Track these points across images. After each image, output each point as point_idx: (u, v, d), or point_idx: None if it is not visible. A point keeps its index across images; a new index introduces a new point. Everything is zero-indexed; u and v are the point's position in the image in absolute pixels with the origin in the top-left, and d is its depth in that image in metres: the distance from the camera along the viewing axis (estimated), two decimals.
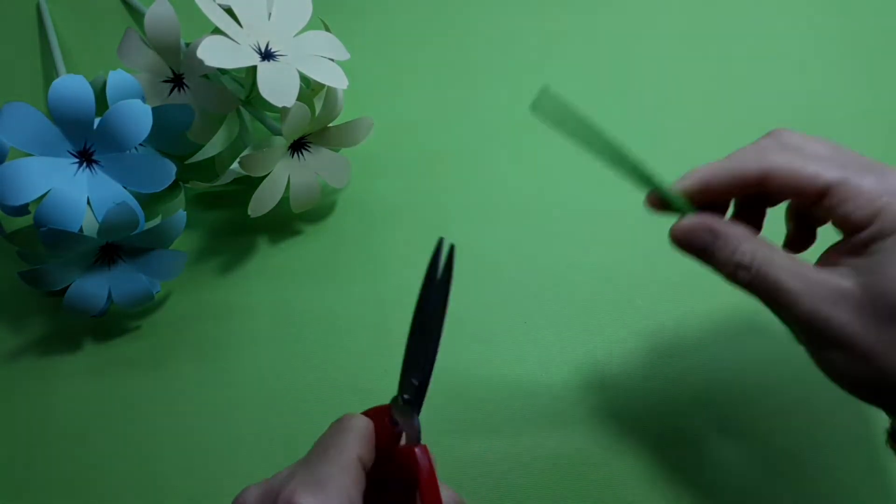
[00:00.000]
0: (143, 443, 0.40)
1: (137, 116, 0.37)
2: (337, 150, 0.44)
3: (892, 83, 0.48)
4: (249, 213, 0.41)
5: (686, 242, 0.30)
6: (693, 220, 0.29)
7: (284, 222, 0.45)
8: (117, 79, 0.38)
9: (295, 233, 0.45)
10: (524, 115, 0.48)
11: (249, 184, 0.42)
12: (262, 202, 0.42)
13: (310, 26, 0.41)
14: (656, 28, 0.50)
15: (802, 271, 0.28)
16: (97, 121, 0.37)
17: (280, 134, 0.41)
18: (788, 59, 0.49)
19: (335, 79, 0.40)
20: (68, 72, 0.45)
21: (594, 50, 0.50)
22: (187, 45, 0.40)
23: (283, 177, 0.42)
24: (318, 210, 0.46)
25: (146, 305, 0.43)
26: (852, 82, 0.49)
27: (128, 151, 0.38)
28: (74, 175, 0.37)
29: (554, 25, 0.51)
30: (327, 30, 0.42)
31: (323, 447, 0.29)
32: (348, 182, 0.45)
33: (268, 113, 0.43)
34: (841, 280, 0.27)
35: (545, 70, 0.50)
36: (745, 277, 0.28)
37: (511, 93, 0.49)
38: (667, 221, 0.30)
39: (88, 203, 0.37)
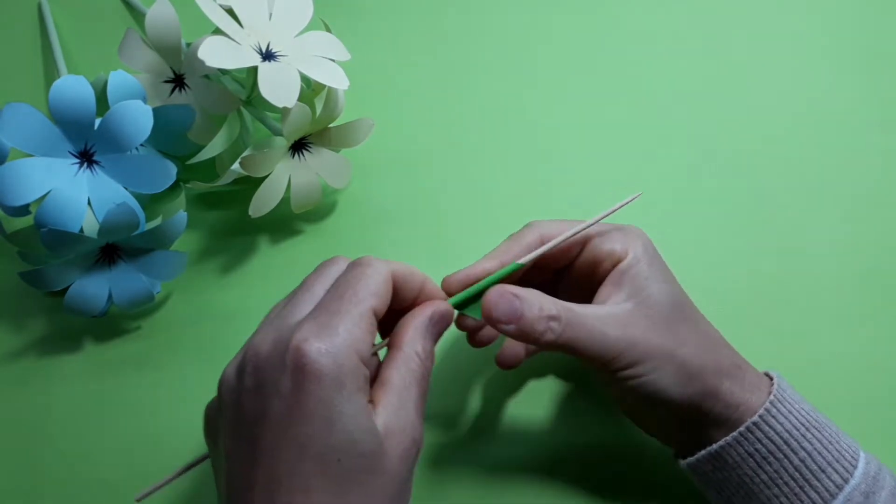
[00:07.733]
0: (144, 443, 0.40)
1: (138, 117, 0.37)
2: (337, 151, 0.44)
3: (891, 85, 0.48)
4: (250, 213, 0.41)
5: (499, 311, 0.31)
6: (496, 290, 0.31)
7: (285, 222, 0.45)
8: (118, 79, 0.38)
9: (295, 233, 0.45)
10: (524, 116, 0.48)
11: (250, 184, 0.42)
12: (262, 202, 0.42)
13: (310, 27, 0.41)
14: (656, 28, 0.50)
15: (595, 311, 0.32)
16: (98, 121, 0.37)
17: (281, 134, 0.41)
18: (789, 59, 0.49)
19: (336, 79, 0.40)
20: (69, 72, 0.45)
21: (595, 50, 0.50)
22: (188, 45, 0.40)
23: (284, 177, 0.42)
24: (319, 210, 0.46)
25: (146, 306, 0.43)
26: (853, 84, 0.49)
27: (128, 152, 0.38)
28: (75, 175, 0.37)
29: (555, 25, 0.51)
30: (328, 30, 0.42)
31: (339, 292, 0.29)
32: (348, 182, 0.45)
33: (268, 113, 0.43)
34: (622, 305, 0.32)
35: (546, 70, 0.50)
36: (557, 329, 0.31)
37: (512, 93, 0.49)
38: None
39: (89, 204, 0.37)
